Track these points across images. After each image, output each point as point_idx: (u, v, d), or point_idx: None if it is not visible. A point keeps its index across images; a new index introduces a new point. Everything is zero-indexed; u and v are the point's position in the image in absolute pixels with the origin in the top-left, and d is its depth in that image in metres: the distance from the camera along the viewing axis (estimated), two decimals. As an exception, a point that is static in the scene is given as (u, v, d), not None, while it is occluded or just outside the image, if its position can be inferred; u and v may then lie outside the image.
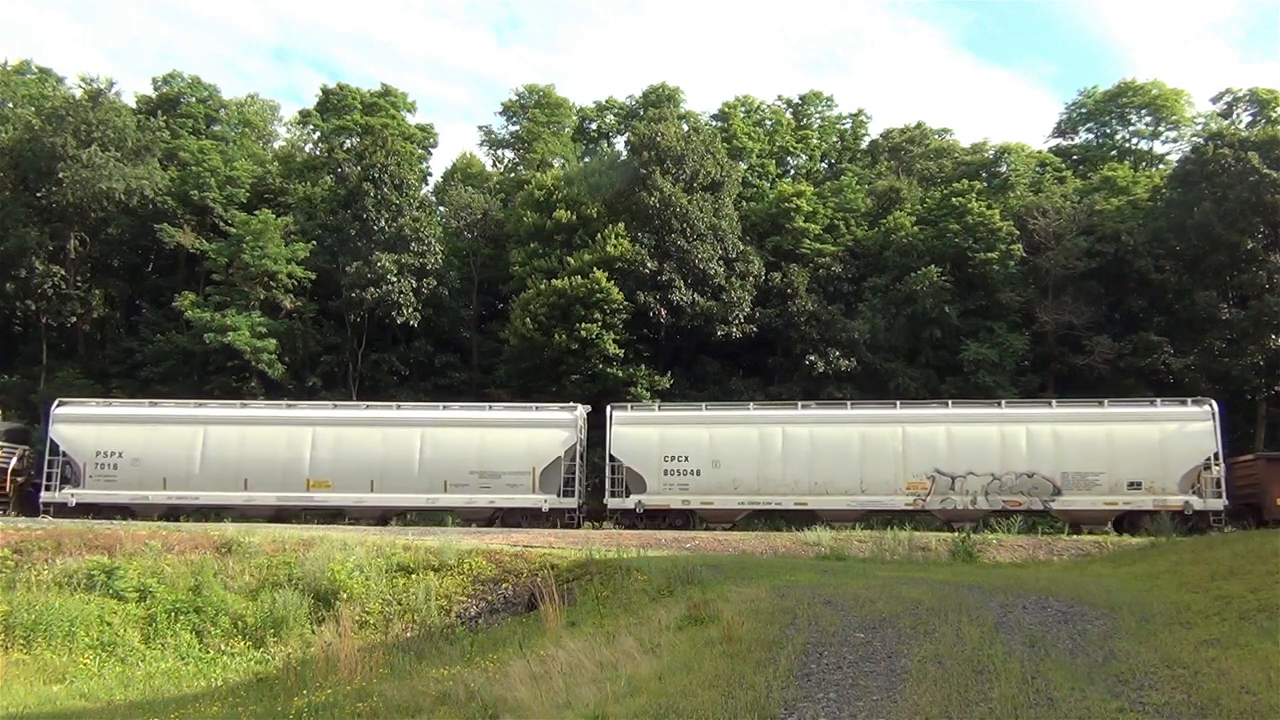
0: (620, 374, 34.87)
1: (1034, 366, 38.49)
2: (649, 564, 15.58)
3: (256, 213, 38.76)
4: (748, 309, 37.36)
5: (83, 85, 41.88)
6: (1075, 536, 22.79)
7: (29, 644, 15.02)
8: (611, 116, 52.21)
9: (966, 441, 26.06)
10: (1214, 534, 21.79)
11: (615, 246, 36.55)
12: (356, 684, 11.00)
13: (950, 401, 28.78)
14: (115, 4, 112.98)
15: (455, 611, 16.52)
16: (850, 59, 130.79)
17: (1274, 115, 44.08)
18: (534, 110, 50.50)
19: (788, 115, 52.82)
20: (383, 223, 38.64)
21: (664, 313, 36.60)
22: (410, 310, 38.08)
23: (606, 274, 35.62)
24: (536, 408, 29.60)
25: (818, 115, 53.89)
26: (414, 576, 17.35)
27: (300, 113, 50.53)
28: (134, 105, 45.88)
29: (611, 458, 27.13)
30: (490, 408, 29.75)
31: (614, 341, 35.09)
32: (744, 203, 44.11)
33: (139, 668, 14.84)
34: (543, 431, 27.79)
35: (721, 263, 37.57)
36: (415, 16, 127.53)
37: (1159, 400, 27.60)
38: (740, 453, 26.60)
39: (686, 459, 26.61)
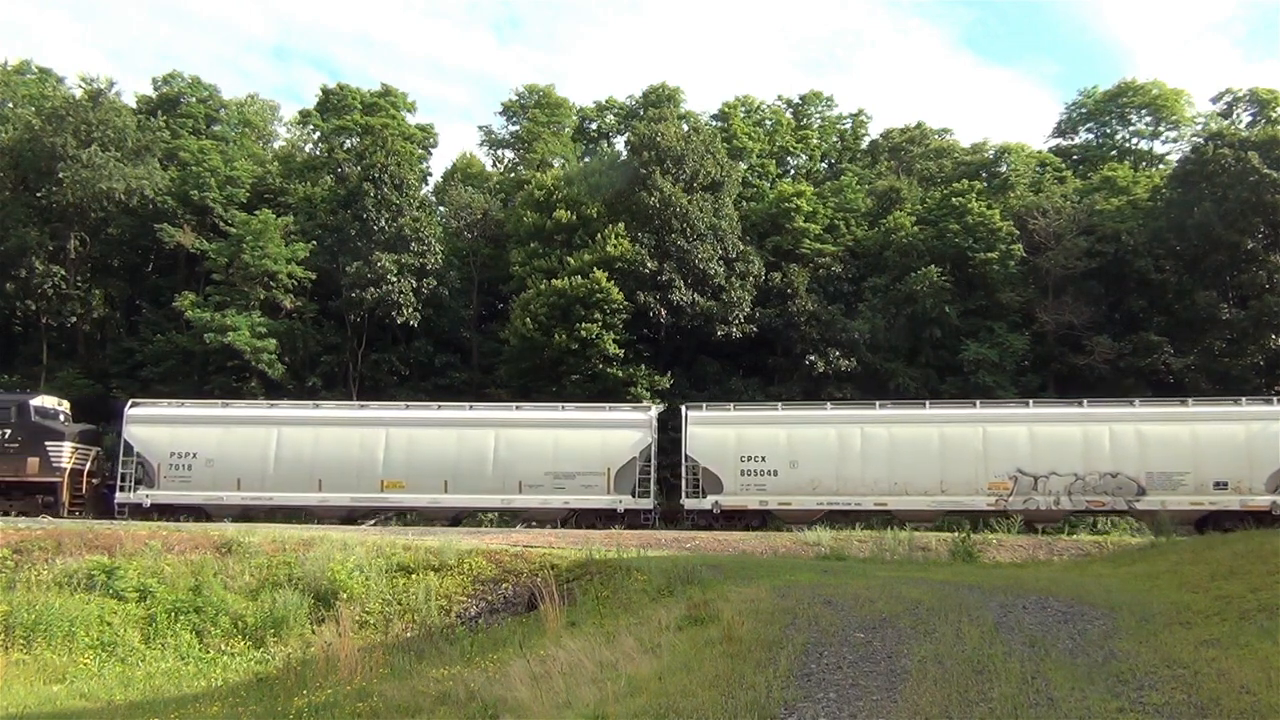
0: (620, 374, 34.86)
1: (1034, 366, 38.49)
2: (649, 564, 15.58)
3: (256, 213, 38.75)
4: (748, 309, 37.35)
5: (83, 85, 41.94)
6: (1075, 537, 22.77)
7: (29, 644, 15.01)
8: (611, 116, 52.20)
9: (1049, 441, 25.86)
10: (1214, 534, 21.79)
11: (615, 246, 36.55)
12: (356, 684, 11.00)
13: (1031, 401, 28.54)
14: (115, 4, 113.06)
15: (455, 611, 16.52)
16: (850, 59, 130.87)
17: (1274, 115, 44.12)
18: (534, 110, 50.50)
19: (788, 115, 52.81)
20: (383, 223, 38.63)
21: (664, 313, 36.60)
22: (410, 310, 38.08)
23: (606, 274, 35.61)
24: (610, 407, 29.55)
25: (818, 115, 53.88)
26: (414, 576, 17.35)
27: (300, 113, 50.59)
28: (134, 105, 45.88)
29: (687, 458, 26.95)
30: (563, 408, 29.54)
31: (614, 341, 35.08)
32: (744, 203, 44.10)
33: (139, 668, 14.84)
34: (617, 432, 27.60)
35: (721, 263, 37.57)
36: (415, 16, 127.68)
37: (1244, 399, 27.44)
38: (818, 453, 26.37)
39: (763, 459, 26.39)
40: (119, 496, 27.31)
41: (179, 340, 37.20)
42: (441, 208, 45.01)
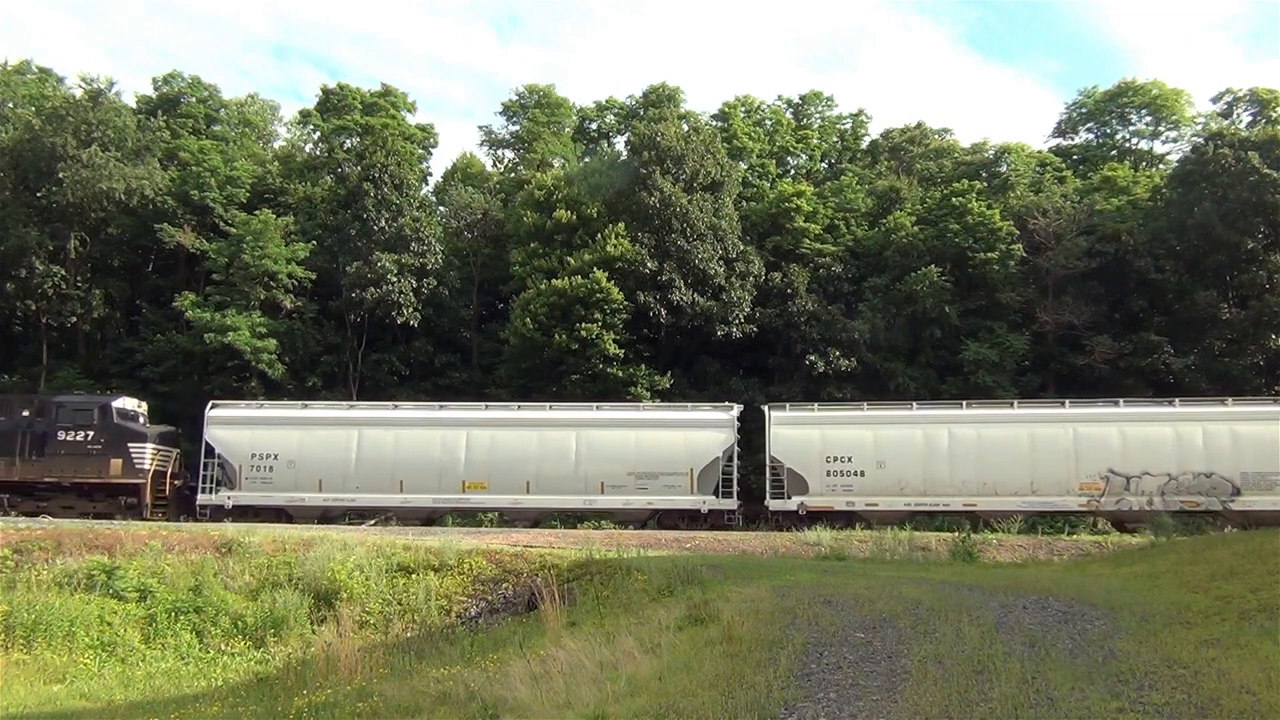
0: (620, 374, 34.87)
1: (1034, 366, 38.49)
2: (649, 564, 15.57)
3: (256, 213, 38.73)
4: (748, 309, 37.34)
5: (83, 85, 41.83)
6: (1075, 537, 22.72)
7: (29, 644, 15.02)
8: (611, 116, 52.20)
9: (1140, 441, 25.78)
10: (1214, 534, 21.75)
11: (615, 246, 36.54)
12: (356, 684, 11.00)
13: (1121, 400, 28.46)
14: (115, 1, 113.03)
15: (455, 611, 16.53)
16: (853, 56, 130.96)
17: (1274, 115, 44.12)
18: (534, 110, 50.50)
19: (788, 115, 52.80)
20: (383, 223, 38.63)
21: (664, 313, 36.59)
22: (410, 310, 38.08)
23: (606, 274, 35.60)
24: (692, 407, 29.60)
25: (818, 115, 53.86)
26: (414, 576, 17.36)
27: (300, 113, 50.61)
28: (134, 105, 45.86)
29: (771, 459, 26.89)
30: (642, 407, 29.54)
31: (614, 341, 35.07)
32: (744, 203, 44.09)
33: (139, 668, 14.85)
34: (700, 432, 27.57)
35: (721, 263, 37.55)
36: (416, 14, 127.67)
37: None
38: (905, 453, 26.33)
39: (849, 460, 26.38)
40: (200, 498, 27.53)
41: (179, 340, 37.18)
42: (441, 208, 44.98)
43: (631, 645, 9.83)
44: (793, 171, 51.59)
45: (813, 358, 36.63)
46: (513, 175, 48.75)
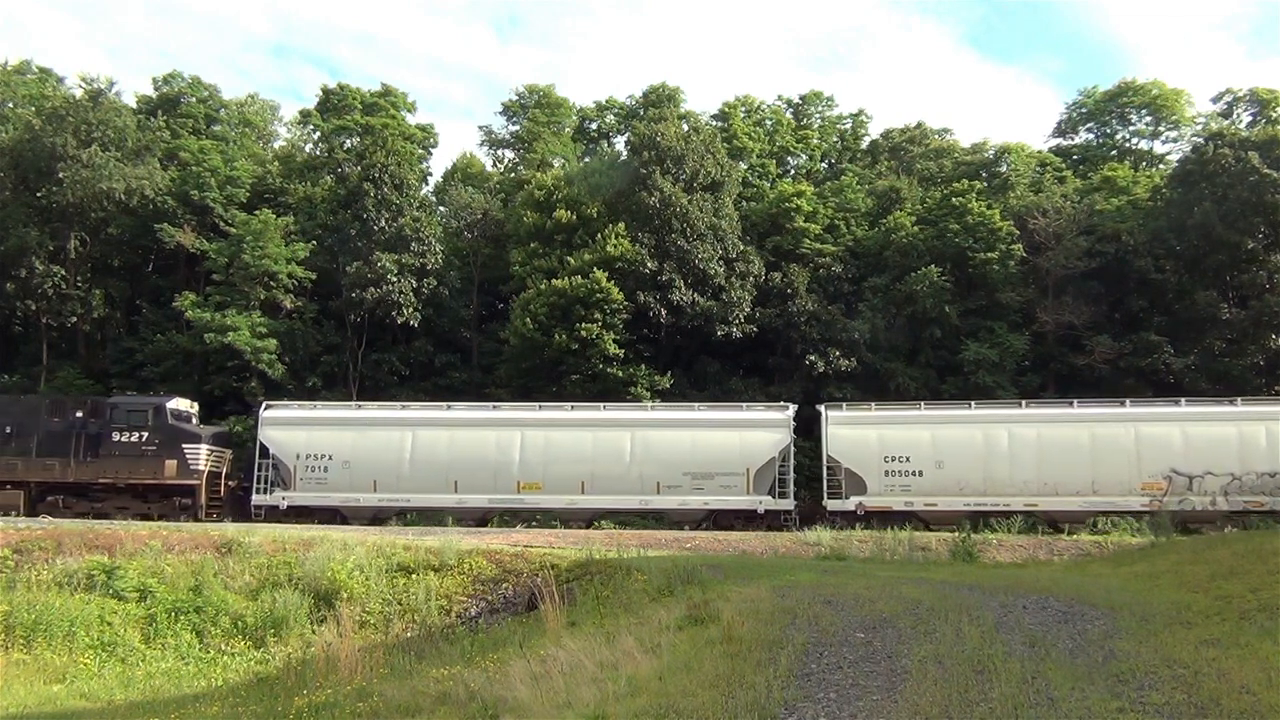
0: (620, 374, 34.88)
1: (1034, 366, 38.50)
2: (649, 564, 15.56)
3: (256, 213, 38.73)
4: (748, 309, 37.34)
5: (83, 85, 41.84)
6: (1075, 537, 22.72)
7: (29, 644, 15.03)
8: (611, 116, 52.19)
9: (1203, 440, 25.67)
10: (1214, 533, 21.75)
11: (615, 246, 36.55)
12: (356, 684, 11.00)
13: (1183, 400, 28.37)
14: (115, 1, 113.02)
15: (455, 611, 16.54)
16: (853, 56, 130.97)
17: (1274, 115, 44.13)
18: (534, 110, 50.50)
19: (788, 115, 52.78)
20: (383, 223, 38.63)
21: (664, 313, 36.59)
22: (410, 310, 38.08)
23: (606, 274, 35.61)
24: (747, 407, 29.61)
25: (818, 115, 53.84)
26: (414, 576, 17.37)
27: (300, 113, 50.60)
28: (134, 105, 45.86)
29: (829, 458, 26.84)
30: (697, 408, 29.51)
31: (614, 341, 35.07)
32: (744, 203, 44.08)
33: (139, 668, 14.86)
34: (756, 432, 27.53)
35: (721, 263, 37.55)
36: (416, 14, 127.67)
37: None
38: (964, 453, 26.28)
39: (908, 459, 26.35)
40: (255, 499, 27.51)
41: (179, 340, 37.19)
42: (442, 208, 44.99)
43: (631, 645, 9.82)
44: (793, 171, 51.57)
45: (813, 358, 36.63)
46: (513, 175, 48.74)
